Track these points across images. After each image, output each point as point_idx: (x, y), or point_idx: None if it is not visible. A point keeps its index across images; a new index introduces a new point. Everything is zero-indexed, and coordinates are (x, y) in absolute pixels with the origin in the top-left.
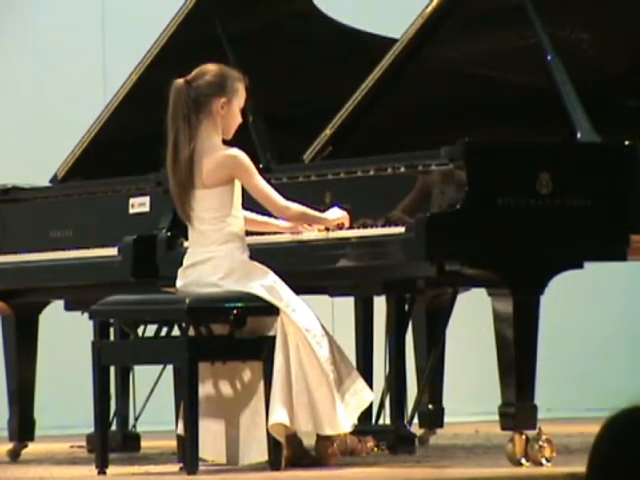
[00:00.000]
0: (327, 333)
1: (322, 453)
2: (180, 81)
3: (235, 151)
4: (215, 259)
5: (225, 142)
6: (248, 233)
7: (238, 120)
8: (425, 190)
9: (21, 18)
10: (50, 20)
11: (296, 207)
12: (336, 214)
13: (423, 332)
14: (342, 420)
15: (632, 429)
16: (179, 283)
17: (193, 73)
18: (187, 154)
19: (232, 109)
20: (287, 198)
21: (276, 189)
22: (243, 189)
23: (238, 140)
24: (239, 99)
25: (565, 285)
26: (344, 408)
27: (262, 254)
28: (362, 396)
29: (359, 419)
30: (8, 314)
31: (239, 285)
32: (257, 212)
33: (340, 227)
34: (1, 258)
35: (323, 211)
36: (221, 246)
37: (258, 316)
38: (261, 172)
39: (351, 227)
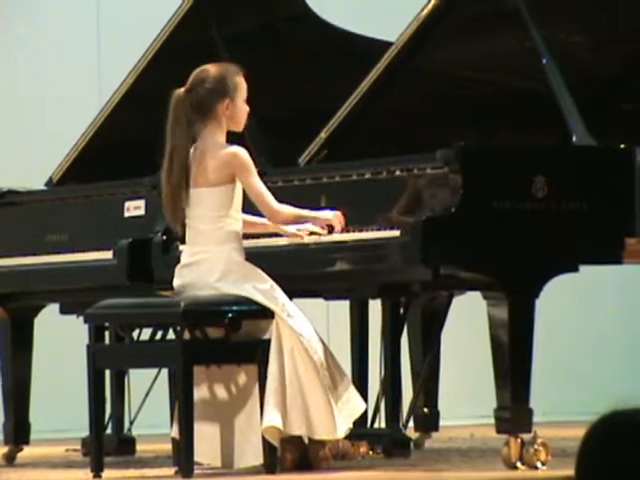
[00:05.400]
0: (321, 340)
1: (314, 457)
2: (180, 91)
3: (237, 148)
4: (211, 260)
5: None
6: (245, 236)
7: (245, 111)
8: (420, 194)
9: (16, 22)
10: (45, 24)
11: (288, 211)
12: (328, 215)
13: (418, 335)
14: (336, 425)
15: (615, 433)
16: (176, 282)
17: (191, 80)
18: (182, 159)
19: (237, 105)
20: (282, 202)
21: (271, 193)
22: (244, 191)
23: (233, 143)
24: (242, 93)
25: (561, 288)
26: (337, 414)
27: (257, 258)
28: (354, 405)
29: (354, 423)
30: (3, 318)
31: (235, 287)
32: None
33: (331, 229)
34: None
35: None
36: (217, 246)
37: (253, 319)
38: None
39: (346, 230)
